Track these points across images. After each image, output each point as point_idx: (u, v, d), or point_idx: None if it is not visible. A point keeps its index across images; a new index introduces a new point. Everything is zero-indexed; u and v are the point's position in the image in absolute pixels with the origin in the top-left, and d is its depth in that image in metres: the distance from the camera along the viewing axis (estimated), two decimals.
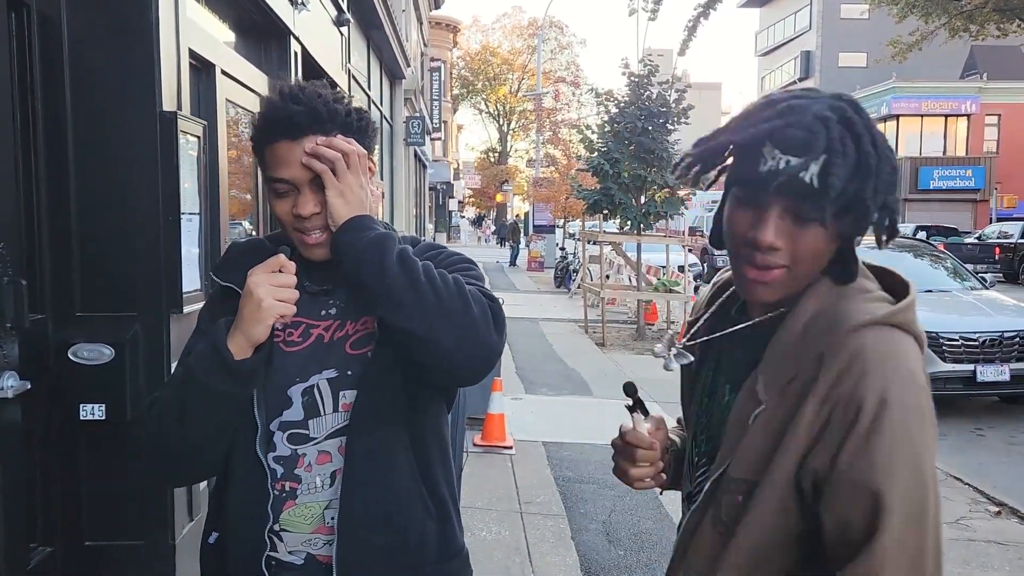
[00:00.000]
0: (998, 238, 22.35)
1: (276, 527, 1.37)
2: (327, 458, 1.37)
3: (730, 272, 1.25)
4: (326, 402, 1.38)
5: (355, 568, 1.36)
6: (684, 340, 1.33)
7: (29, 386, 2.50)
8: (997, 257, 21.56)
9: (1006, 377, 7.21)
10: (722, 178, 1.17)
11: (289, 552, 1.37)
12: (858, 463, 1.01)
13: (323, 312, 1.42)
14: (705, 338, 1.31)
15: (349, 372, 1.38)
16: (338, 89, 1.44)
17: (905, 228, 24.49)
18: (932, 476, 1.05)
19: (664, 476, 1.35)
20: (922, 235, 20.06)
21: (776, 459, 1.07)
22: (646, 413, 1.32)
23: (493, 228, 49.73)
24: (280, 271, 1.34)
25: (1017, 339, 7.33)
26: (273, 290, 1.31)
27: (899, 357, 1.05)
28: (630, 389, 1.33)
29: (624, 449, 1.30)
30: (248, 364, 1.31)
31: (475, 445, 5.74)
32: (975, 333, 7.30)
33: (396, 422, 1.39)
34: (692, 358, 1.31)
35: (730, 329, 1.23)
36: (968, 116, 35.55)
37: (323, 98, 1.37)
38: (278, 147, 1.35)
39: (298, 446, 1.37)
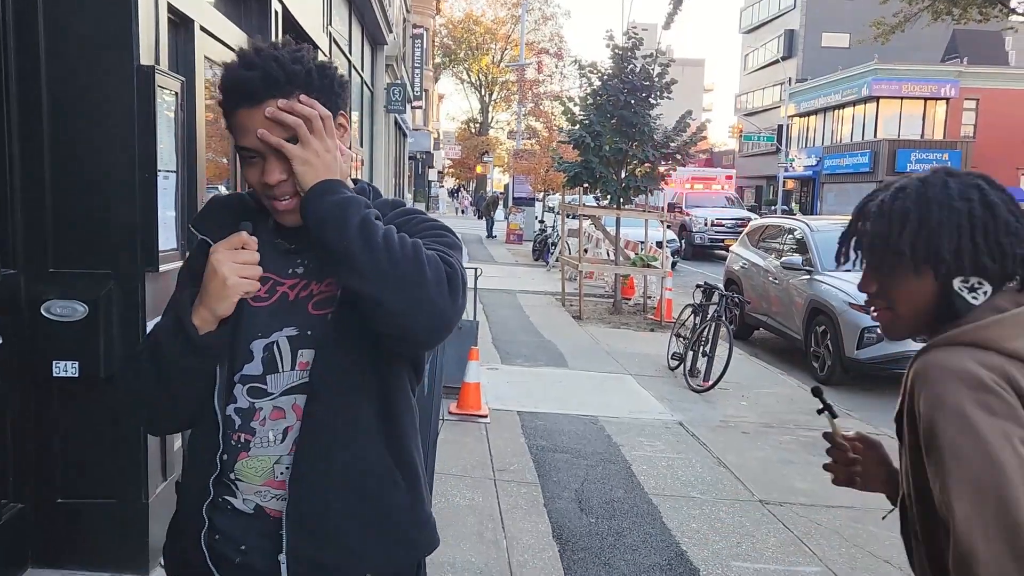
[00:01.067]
0: None
1: (232, 476, 1.40)
2: (280, 414, 1.39)
3: None
4: (284, 359, 1.39)
5: (306, 529, 1.36)
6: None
7: (1, 341, 2.47)
8: None
9: None
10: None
11: (243, 500, 1.41)
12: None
13: (290, 271, 1.43)
14: None
15: (309, 332, 1.38)
16: (301, 45, 1.38)
17: None
18: (994, 459, 1.09)
19: (857, 478, 1.52)
20: None
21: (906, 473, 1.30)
22: (834, 415, 1.48)
23: (471, 199, 49.38)
24: (243, 248, 1.34)
25: None
26: (237, 267, 1.31)
27: (960, 370, 1.15)
28: (817, 392, 1.52)
29: (830, 450, 1.48)
30: (213, 337, 1.34)
31: (451, 413, 5.76)
32: None
33: (360, 388, 1.39)
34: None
35: None
36: (947, 100, 35.83)
37: (279, 60, 1.32)
38: (240, 115, 1.33)
39: (256, 399, 1.39)
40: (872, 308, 1.35)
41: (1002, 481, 1.06)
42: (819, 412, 1.48)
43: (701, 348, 7.49)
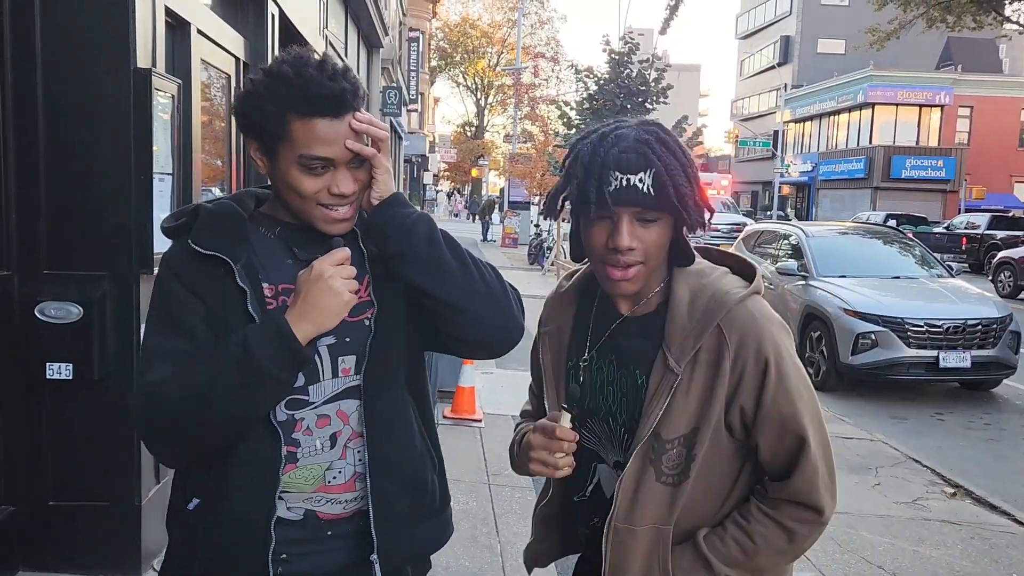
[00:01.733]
0: (966, 229, 22.71)
1: (279, 489, 1.39)
2: (326, 422, 1.41)
3: (572, 283, 1.57)
4: (325, 368, 1.40)
5: (385, 519, 1.43)
6: (588, 353, 1.51)
7: None
8: (964, 247, 21.92)
9: (967, 364, 7.36)
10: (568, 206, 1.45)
11: (288, 508, 1.41)
12: (779, 399, 1.36)
13: None
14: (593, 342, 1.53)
15: (347, 339, 1.41)
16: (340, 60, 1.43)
17: (876, 216, 24.82)
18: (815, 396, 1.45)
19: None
20: (892, 223, 20.32)
21: (708, 410, 1.37)
22: (573, 412, 1.45)
23: (465, 203, 49.28)
24: (343, 263, 1.35)
25: (979, 327, 7.48)
26: (347, 283, 1.32)
27: (773, 318, 1.41)
28: (575, 393, 1.50)
29: (549, 444, 1.42)
30: (311, 353, 1.33)
31: (445, 417, 5.75)
32: (939, 320, 7.44)
33: (402, 384, 1.48)
34: (577, 391, 1.52)
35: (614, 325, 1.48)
36: (942, 107, 35.99)
37: (354, 75, 1.39)
38: (318, 124, 1.32)
39: (295, 411, 1.39)
40: (624, 266, 1.41)
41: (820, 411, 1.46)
42: (566, 408, 1.44)
43: None
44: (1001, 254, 17.69)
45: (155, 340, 1.37)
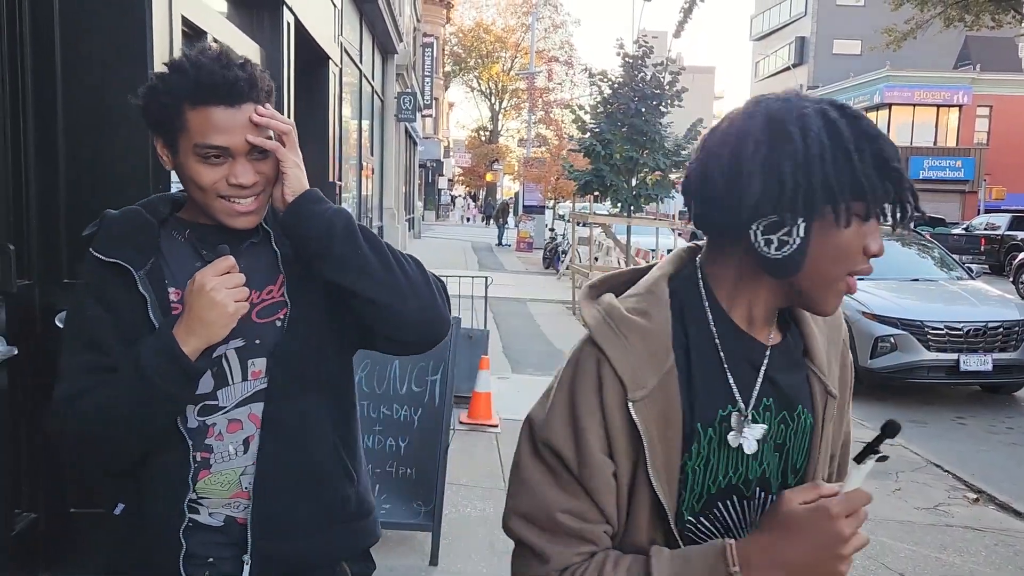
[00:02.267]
0: (985, 229, 22.48)
1: (193, 496, 1.39)
2: (238, 426, 1.39)
3: (652, 317, 1.09)
4: (235, 371, 1.39)
5: (271, 530, 1.40)
6: (750, 407, 1.10)
7: (16, 352, 2.49)
8: (983, 248, 21.70)
9: (988, 367, 7.28)
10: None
11: (209, 514, 1.40)
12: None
13: None
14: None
15: (257, 340, 1.39)
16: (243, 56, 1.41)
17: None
18: None
19: None
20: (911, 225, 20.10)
21: (839, 432, 1.22)
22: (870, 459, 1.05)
23: (479, 207, 48.86)
24: (229, 272, 1.33)
25: (1001, 329, 7.40)
26: (233, 292, 1.30)
27: None
28: (893, 431, 1.03)
29: (859, 514, 1.03)
30: (203, 366, 1.31)
31: (461, 423, 5.76)
32: (960, 323, 7.36)
33: (316, 389, 1.43)
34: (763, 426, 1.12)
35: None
36: (960, 107, 35.65)
37: (253, 66, 1.37)
38: (213, 112, 1.31)
39: (206, 417, 1.38)
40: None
41: None
42: (881, 458, 1.04)
43: None
44: (1022, 255, 17.50)
45: (66, 360, 1.36)
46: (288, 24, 5.30)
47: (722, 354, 1.10)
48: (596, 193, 11.77)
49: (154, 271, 1.36)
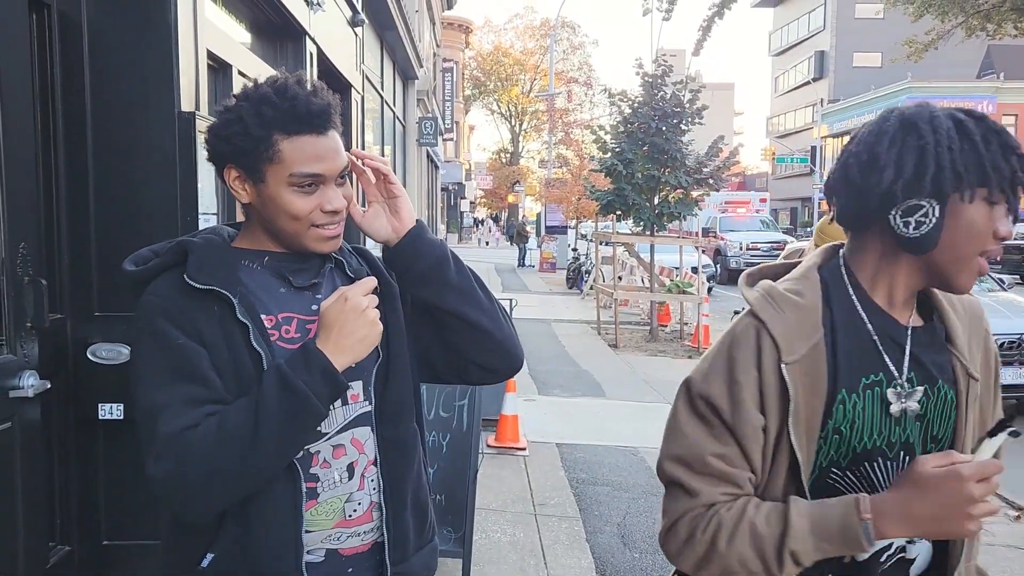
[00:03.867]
0: (1016, 239, 22.11)
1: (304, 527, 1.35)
2: (341, 452, 1.37)
3: (806, 295, 1.24)
4: None
5: (398, 549, 1.42)
6: (904, 374, 1.23)
7: (49, 385, 2.51)
8: (999, 259, 21.22)
9: None
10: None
11: (308, 552, 1.34)
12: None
13: (312, 307, 1.39)
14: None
15: (353, 364, 1.36)
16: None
17: None
18: None
19: None
20: None
21: (986, 415, 1.31)
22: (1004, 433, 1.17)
23: (502, 228, 48.37)
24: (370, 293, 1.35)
25: None
26: (377, 312, 1.32)
27: None
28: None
29: (991, 481, 1.13)
30: (347, 384, 1.31)
31: (489, 446, 5.73)
32: (994, 335, 7.20)
33: (412, 411, 1.49)
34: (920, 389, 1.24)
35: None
36: None
37: (331, 91, 1.39)
38: (308, 141, 1.31)
39: (310, 445, 1.35)
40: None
41: None
42: (1008, 426, 1.16)
43: None
44: None
45: (162, 395, 1.25)
46: (311, 54, 5.37)
47: (870, 326, 1.24)
48: (618, 212, 11.74)
49: (244, 298, 1.33)
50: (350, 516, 1.37)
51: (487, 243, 44.34)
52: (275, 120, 1.30)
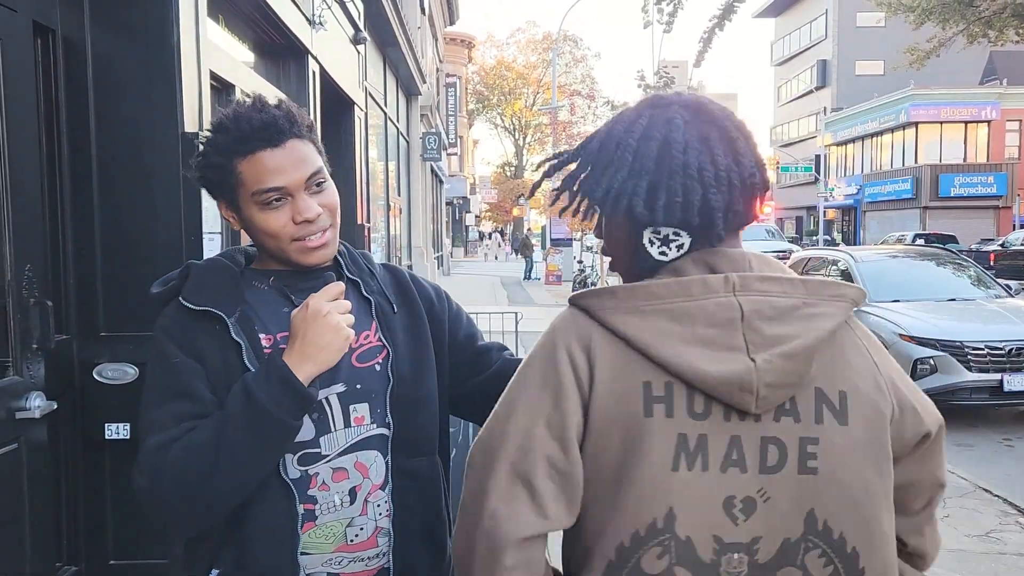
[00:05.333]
0: (1021, 245, 21.98)
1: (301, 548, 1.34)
2: (343, 475, 1.34)
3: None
4: (337, 417, 1.35)
5: None
6: None
7: (55, 406, 2.52)
8: (992, 263, 20.89)
9: None
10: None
11: (307, 574, 1.33)
12: None
13: None
14: None
15: (358, 385, 1.36)
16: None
17: (905, 236, 23.97)
18: None
19: None
20: (920, 243, 19.60)
21: None
22: None
23: (500, 242, 47.63)
24: (338, 298, 1.32)
25: None
26: (346, 318, 1.29)
27: None
28: None
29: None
30: (315, 393, 1.27)
31: None
32: (1002, 342, 7.18)
33: (433, 445, 1.45)
34: None
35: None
36: (988, 122, 35.23)
37: (289, 105, 1.38)
38: (262, 157, 1.31)
39: (308, 466, 1.33)
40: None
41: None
42: None
43: None
44: None
45: (156, 412, 1.28)
46: (313, 73, 5.41)
47: None
48: None
49: (244, 318, 1.34)
50: (352, 541, 1.35)
51: (495, 257, 43.98)
52: (228, 145, 1.32)
